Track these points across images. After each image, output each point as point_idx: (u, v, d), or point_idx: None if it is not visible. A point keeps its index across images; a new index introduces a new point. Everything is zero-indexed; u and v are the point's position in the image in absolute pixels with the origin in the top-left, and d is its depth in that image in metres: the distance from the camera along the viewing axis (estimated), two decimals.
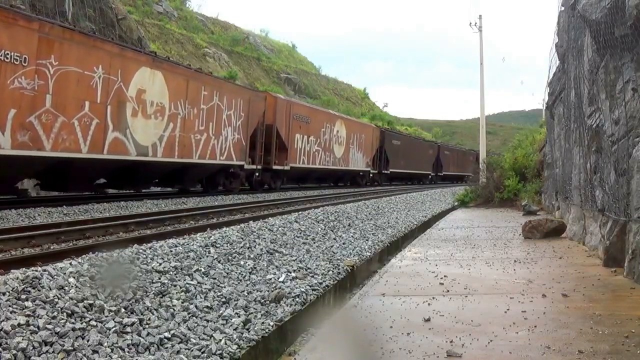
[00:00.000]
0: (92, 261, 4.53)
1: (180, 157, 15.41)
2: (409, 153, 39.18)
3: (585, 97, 6.50)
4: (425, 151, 44.19)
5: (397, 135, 39.60)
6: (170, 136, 14.88)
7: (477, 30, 26.80)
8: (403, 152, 38.18)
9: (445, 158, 48.94)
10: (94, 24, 20.59)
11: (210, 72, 19.96)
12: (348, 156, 29.62)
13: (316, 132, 25.41)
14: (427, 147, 45.46)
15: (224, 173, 18.45)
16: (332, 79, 61.96)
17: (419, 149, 42.55)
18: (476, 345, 3.21)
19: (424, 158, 43.77)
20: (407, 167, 38.78)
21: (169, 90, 14.67)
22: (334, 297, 5.97)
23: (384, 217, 12.64)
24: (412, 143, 41.47)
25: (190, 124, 15.79)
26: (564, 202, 9.40)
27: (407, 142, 40.15)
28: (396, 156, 36.93)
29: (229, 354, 3.70)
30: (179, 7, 42.60)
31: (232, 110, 18.08)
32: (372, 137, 33.12)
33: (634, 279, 4.73)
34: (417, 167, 40.87)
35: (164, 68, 14.66)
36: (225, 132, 17.69)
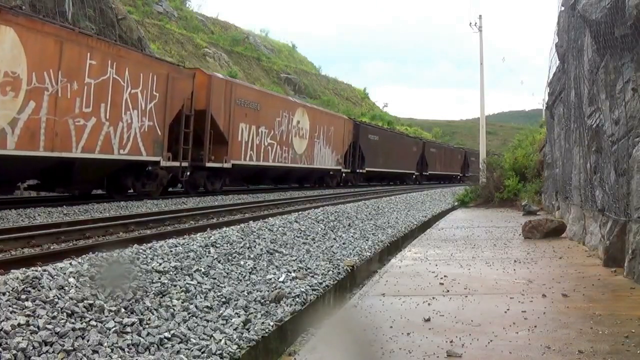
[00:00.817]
0: (92, 261, 4.53)
1: (49, 150, 11.19)
2: (389, 150, 34.89)
3: (585, 97, 6.50)
4: (408, 148, 40.04)
5: (375, 129, 34.88)
6: (30, 120, 10.67)
7: (477, 30, 26.83)
8: (382, 148, 33.85)
9: (431, 156, 45.10)
10: (94, 24, 20.59)
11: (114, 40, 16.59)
12: (312, 152, 24.84)
13: (269, 122, 20.64)
14: (411, 144, 41.08)
15: (134, 172, 14.43)
16: (332, 79, 62.00)
17: (401, 146, 38.14)
18: (476, 345, 3.21)
19: (407, 156, 39.55)
20: (387, 165, 34.67)
21: (27, 56, 10.52)
22: (334, 297, 5.97)
23: (384, 217, 12.64)
24: (392, 138, 36.80)
25: (66, 105, 11.50)
26: (564, 202, 9.40)
27: (386, 137, 35.25)
28: (374, 153, 32.62)
29: (229, 354, 3.70)
30: (179, 7, 42.61)
31: (139, 89, 13.72)
32: (343, 130, 28.58)
33: (634, 279, 4.73)
34: (398, 165, 36.86)
35: (19, 23, 10.37)
36: (127, 117, 13.38)
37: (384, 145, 34.29)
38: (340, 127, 28.47)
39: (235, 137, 18.43)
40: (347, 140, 29.01)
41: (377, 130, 35.18)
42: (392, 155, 35.52)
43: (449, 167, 50.68)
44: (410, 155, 40.56)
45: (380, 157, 33.73)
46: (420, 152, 42.64)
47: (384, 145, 34.17)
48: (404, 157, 38.67)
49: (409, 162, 40.21)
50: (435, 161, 46.80)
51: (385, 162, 34.37)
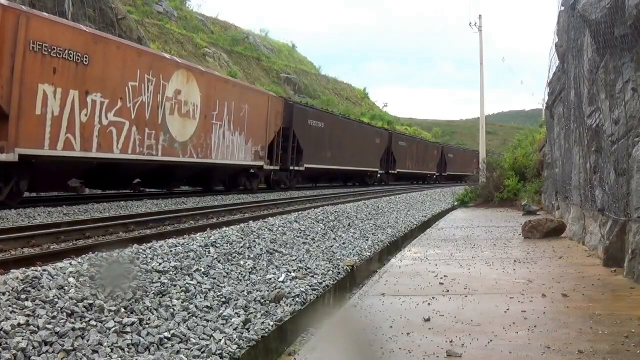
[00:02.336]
0: (92, 261, 4.52)
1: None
2: (340, 141, 27.57)
3: (585, 97, 6.50)
4: (369, 140, 32.39)
5: (318, 113, 26.66)
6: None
7: (477, 30, 26.83)
8: (330, 139, 26.45)
9: (401, 151, 38.25)
10: (94, 24, 20.59)
11: None
12: (208, 140, 16.70)
13: (112, 87, 12.71)
14: (373, 135, 33.71)
15: None
16: (332, 79, 62.00)
17: (359, 137, 30.45)
18: (476, 345, 3.21)
19: (368, 150, 31.93)
20: (338, 161, 27.36)
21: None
22: (334, 297, 5.97)
23: (384, 217, 12.64)
24: (346, 127, 29.17)
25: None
26: (564, 202, 9.40)
27: (336, 124, 27.80)
28: (317, 145, 25.00)
29: (229, 354, 3.70)
30: (179, 7, 42.61)
31: None
32: (267, 111, 20.32)
33: (634, 279, 4.73)
34: (354, 161, 29.79)
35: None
36: None
37: (334, 136, 26.78)
38: (262, 107, 19.99)
39: (29, 108, 10.59)
40: (273, 126, 20.92)
41: (322, 115, 26.84)
42: (345, 149, 28.19)
43: (423, 165, 44.05)
44: (373, 149, 33.12)
45: (328, 151, 26.23)
46: (386, 145, 35.48)
47: (333, 135, 26.70)
48: (364, 152, 31.26)
49: (371, 157, 32.86)
50: (406, 157, 39.91)
51: (335, 158, 26.92)
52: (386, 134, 36.86)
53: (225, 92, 17.86)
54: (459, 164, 53.70)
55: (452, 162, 52.05)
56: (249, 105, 19.21)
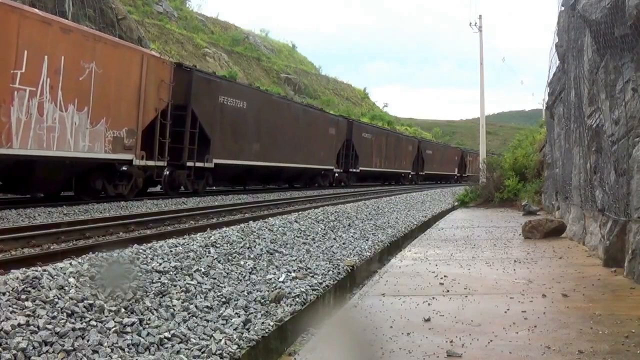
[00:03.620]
0: (92, 261, 4.52)
1: None
2: (272, 129, 20.91)
3: (585, 97, 6.50)
4: (319, 128, 25.84)
5: (234, 87, 19.16)
6: None
7: (477, 30, 26.83)
8: (255, 123, 19.61)
9: (364, 145, 31.89)
10: (94, 24, 20.60)
11: None
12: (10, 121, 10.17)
13: None
14: (326, 124, 26.86)
15: None
16: (332, 79, 62.00)
17: (304, 125, 24.09)
18: (476, 345, 3.21)
19: (318, 142, 25.34)
20: (269, 156, 20.78)
21: None
22: (334, 297, 5.97)
23: (383, 217, 12.64)
24: (283, 111, 22.27)
25: None
26: (564, 202, 9.40)
27: (263, 104, 20.50)
28: (233, 132, 18.19)
29: (229, 354, 3.69)
30: (179, 7, 42.63)
31: None
32: (141, 78, 13.88)
33: (634, 279, 4.73)
34: (300, 158, 23.42)
35: None
36: None
37: (264, 121, 20.00)
38: (129, 70, 13.52)
39: None
40: (152, 101, 14.31)
41: (244, 91, 19.36)
42: (283, 140, 21.65)
43: (395, 162, 37.61)
44: (326, 141, 26.44)
45: (254, 141, 19.40)
46: (344, 137, 28.88)
47: (262, 119, 19.89)
48: (312, 144, 24.53)
49: (323, 152, 26.14)
50: (372, 153, 33.06)
51: (266, 151, 20.16)
52: (344, 123, 29.26)
53: (46, 38, 10.97)
54: (439, 162, 48.28)
55: (430, 160, 45.48)
56: (100, 65, 12.37)
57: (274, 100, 22.60)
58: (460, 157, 55.81)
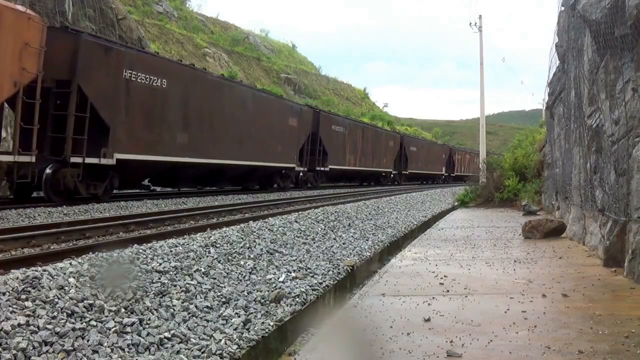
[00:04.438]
0: (92, 261, 4.53)
1: None
2: (208, 114, 17.02)
3: (585, 97, 6.50)
4: (275, 118, 21.46)
5: (146, 58, 14.93)
6: None
7: (477, 30, 26.84)
8: (181, 106, 15.76)
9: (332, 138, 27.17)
10: (94, 24, 20.60)
11: None
12: None
13: None
14: (284, 112, 22.32)
15: None
16: (332, 79, 61.98)
17: (251, 111, 19.42)
18: (476, 345, 3.21)
19: (275, 133, 21.26)
20: (204, 151, 16.79)
21: None
22: (334, 297, 5.97)
23: (383, 217, 12.64)
24: (217, 90, 17.71)
25: None
26: (564, 202, 9.40)
27: (191, 83, 16.26)
28: (145, 116, 14.34)
29: (229, 354, 3.69)
30: (179, 7, 42.62)
31: None
32: None
33: (634, 279, 4.73)
34: (249, 154, 19.30)
35: None
36: None
37: (195, 105, 16.17)
38: None
39: None
40: (7, 72, 10.60)
41: (162, 65, 15.10)
42: (222, 130, 17.59)
43: (373, 161, 33.47)
44: (285, 134, 22.08)
45: (181, 131, 15.60)
46: (309, 131, 24.55)
47: (192, 103, 16.04)
48: (266, 137, 20.35)
49: (282, 147, 21.76)
50: (344, 149, 28.73)
51: (199, 143, 16.35)
52: (308, 113, 25.02)
53: None
54: (424, 160, 44.30)
55: (415, 157, 41.70)
56: None
57: (210, 80, 17.79)
58: (448, 155, 51.49)
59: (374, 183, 35.34)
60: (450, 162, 51.69)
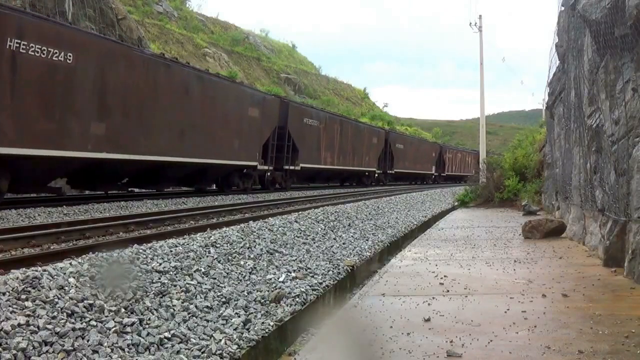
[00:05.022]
0: (92, 261, 4.53)
1: None
2: (143, 98, 14.04)
3: (585, 97, 6.50)
4: (232, 107, 18.24)
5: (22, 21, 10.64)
6: None
7: (477, 30, 26.84)
8: (100, 89, 12.55)
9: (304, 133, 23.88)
10: (94, 24, 20.60)
11: None
12: None
13: None
14: (244, 101, 19.09)
15: None
16: (332, 79, 61.96)
17: (198, 98, 16.38)
18: (476, 345, 3.21)
19: (231, 125, 18.07)
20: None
21: None
22: (334, 297, 5.97)
23: (383, 217, 12.64)
24: (154, 72, 14.43)
25: None
26: (564, 202, 9.40)
27: (113, 60, 12.90)
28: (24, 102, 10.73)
29: (229, 354, 3.70)
30: (179, 7, 42.61)
31: None
32: None
33: (634, 279, 4.73)
34: (198, 149, 16.34)
35: None
36: None
37: (116, 88, 13.10)
38: None
39: None
40: None
41: (70, 36, 11.93)
42: (157, 120, 14.57)
43: (354, 159, 29.99)
44: (242, 126, 18.77)
45: (96, 119, 12.57)
46: (274, 124, 21.25)
47: (112, 86, 13.00)
48: (218, 129, 17.34)
49: (239, 142, 18.53)
50: (319, 146, 25.57)
51: (124, 135, 13.36)
52: (274, 103, 21.56)
53: None
54: (412, 159, 41.09)
55: (402, 156, 38.73)
56: None
57: (138, 58, 14.11)
58: (439, 153, 48.32)
59: (355, 183, 32.65)
60: (440, 160, 48.65)
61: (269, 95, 22.22)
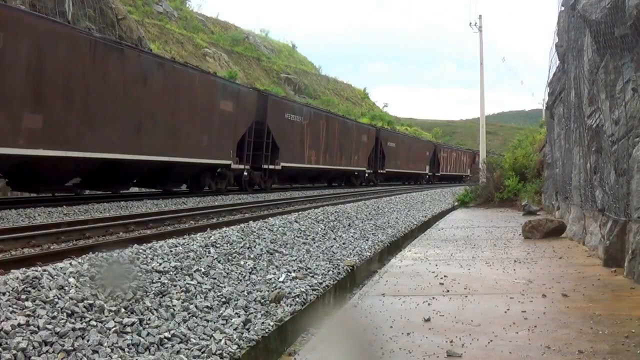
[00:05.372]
0: (92, 261, 4.53)
1: None
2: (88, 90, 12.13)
3: (585, 97, 6.50)
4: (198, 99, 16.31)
5: None
6: None
7: (477, 30, 26.83)
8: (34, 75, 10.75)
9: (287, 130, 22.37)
10: (94, 24, 20.60)
11: None
12: None
13: None
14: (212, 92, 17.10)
15: None
16: (332, 79, 61.98)
17: (155, 86, 14.25)
18: (476, 345, 3.21)
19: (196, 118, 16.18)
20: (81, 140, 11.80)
21: None
22: (334, 297, 5.97)
23: (383, 217, 12.64)
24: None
25: None
26: (564, 202, 9.40)
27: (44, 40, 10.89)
28: None
29: (229, 354, 3.70)
30: (179, 7, 42.61)
31: None
32: None
33: (634, 279, 4.73)
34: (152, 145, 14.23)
35: None
36: None
37: (51, 72, 11.22)
38: None
39: None
40: None
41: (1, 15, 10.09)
42: (108, 111, 12.83)
43: (341, 158, 28.29)
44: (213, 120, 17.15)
45: (28, 111, 10.77)
46: (252, 119, 19.43)
47: (46, 71, 11.08)
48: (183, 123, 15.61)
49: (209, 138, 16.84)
50: (304, 143, 23.84)
51: (64, 129, 11.66)
52: (251, 96, 19.62)
53: None
54: (405, 158, 38.97)
55: (393, 155, 36.54)
56: None
57: (84, 41, 12.19)
58: (433, 153, 45.82)
59: (344, 184, 30.58)
60: (434, 160, 46.15)
61: (244, 88, 20.30)
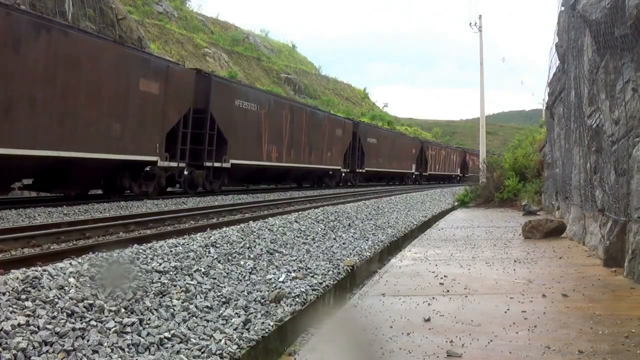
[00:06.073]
0: (92, 261, 4.53)
1: None
2: None
3: (585, 97, 6.50)
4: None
5: None
6: None
7: (477, 30, 26.85)
8: None
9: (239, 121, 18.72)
10: (94, 24, 20.60)
11: None
12: None
13: None
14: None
15: None
16: (332, 79, 61.97)
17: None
18: (476, 345, 3.21)
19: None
20: None
21: None
22: (334, 297, 5.97)
23: (383, 217, 12.64)
24: None
25: None
26: (564, 202, 9.40)
27: None
28: None
29: (229, 354, 3.69)
30: (179, 7, 42.62)
31: None
32: None
33: (634, 279, 4.73)
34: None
35: None
36: None
37: None
38: None
39: None
40: None
41: None
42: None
43: (312, 155, 24.92)
44: (120, 101, 13.11)
45: None
46: (185, 104, 15.80)
47: None
48: (80, 107, 11.84)
49: (119, 124, 13.07)
50: (262, 137, 20.40)
51: None
52: (187, 77, 16.07)
53: None
54: (388, 156, 35.19)
55: (374, 152, 33.00)
56: None
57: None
58: (420, 150, 42.10)
59: (315, 184, 26.95)
60: (421, 158, 42.57)
61: (177, 66, 16.11)
